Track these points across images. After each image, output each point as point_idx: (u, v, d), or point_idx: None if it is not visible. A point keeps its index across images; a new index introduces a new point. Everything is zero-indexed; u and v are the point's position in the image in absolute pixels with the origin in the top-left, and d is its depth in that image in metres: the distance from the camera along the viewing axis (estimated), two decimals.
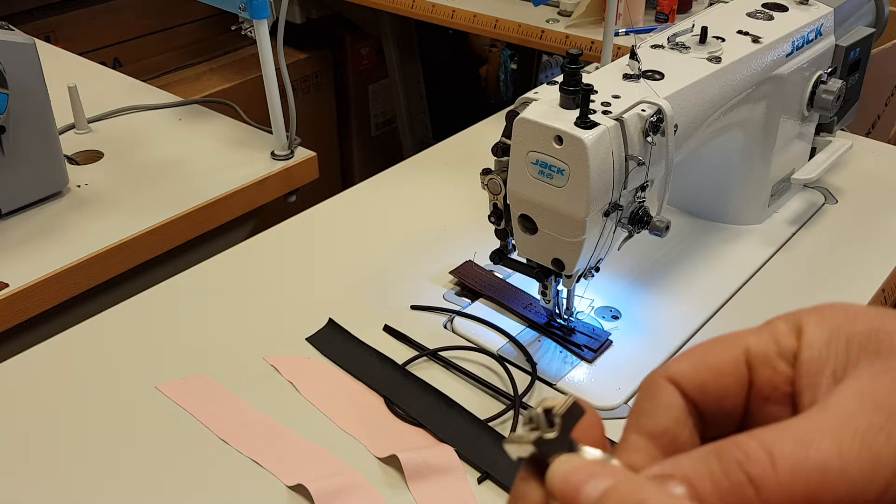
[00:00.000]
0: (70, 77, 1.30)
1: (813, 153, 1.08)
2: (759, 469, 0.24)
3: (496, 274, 0.94)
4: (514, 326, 0.87)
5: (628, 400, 0.78)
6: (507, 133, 0.74)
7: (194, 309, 0.92)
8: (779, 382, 0.28)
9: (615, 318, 0.88)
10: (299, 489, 0.69)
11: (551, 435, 0.26)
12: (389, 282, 0.95)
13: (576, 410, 0.27)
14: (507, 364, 0.82)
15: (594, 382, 0.80)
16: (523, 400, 0.78)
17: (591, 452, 0.26)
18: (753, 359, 0.28)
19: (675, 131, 0.74)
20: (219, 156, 1.24)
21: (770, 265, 0.97)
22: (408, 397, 0.78)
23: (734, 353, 0.28)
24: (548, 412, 0.26)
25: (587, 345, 0.83)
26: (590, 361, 0.82)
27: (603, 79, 0.76)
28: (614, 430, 0.73)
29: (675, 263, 0.96)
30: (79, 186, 1.15)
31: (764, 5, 0.96)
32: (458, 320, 0.88)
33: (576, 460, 0.26)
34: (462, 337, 0.87)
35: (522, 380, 0.81)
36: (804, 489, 0.23)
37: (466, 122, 1.32)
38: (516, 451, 0.26)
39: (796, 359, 0.28)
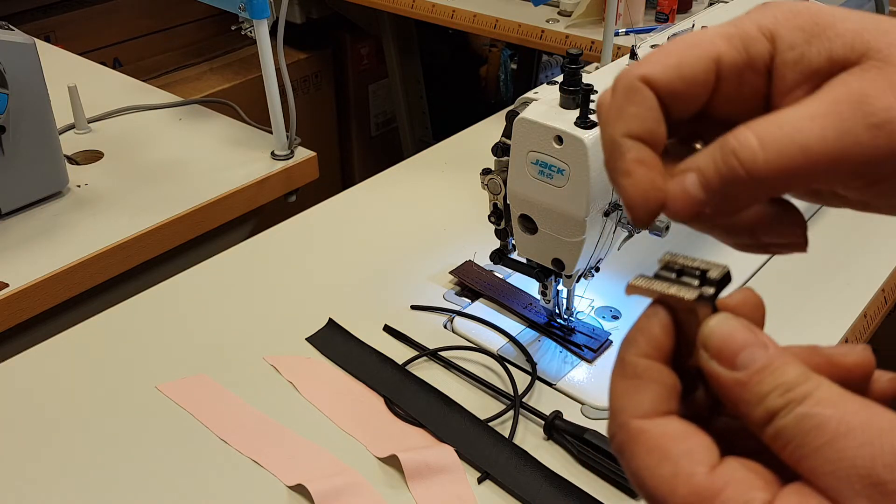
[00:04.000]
0: (70, 77, 1.30)
1: None
2: (748, 153, 0.27)
3: (496, 274, 0.94)
4: (514, 326, 0.87)
5: None
6: (507, 133, 0.74)
7: (194, 309, 0.92)
8: (745, 92, 0.30)
9: (615, 318, 0.88)
10: (299, 489, 0.69)
11: (710, 291, 0.28)
12: (389, 282, 0.95)
13: (725, 279, 0.28)
14: (507, 364, 0.82)
15: (594, 382, 0.80)
16: (524, 399, 0.78)
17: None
18: (723, 70, 0.30)
19: None
20: (219, 156, 1.24)
21: (770, 265, 0.97)
22: (408, 397, 0.78)
23: (705, 63, 0.29)
24: (703, 273, 0.28)
25: (587, 345, 0.83)
26: (590, 361, 0.82)
27: (603, 79, 0.76)
28: None
29: None
30: (79, 186, 1.15)
31: None
32: (458, 320, 0.88)
33: (736, 323, 0.27)
34: (462, 337, 0.87)
35: (522, 380, 0.81)
36: (787, 166, 0.27)
37: (466, 122, 1.32)
38: (646, 284, 0.29)
39: (771, 64, 0.30)
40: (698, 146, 0.31)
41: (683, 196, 0.28)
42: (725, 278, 0.28)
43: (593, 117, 0.69)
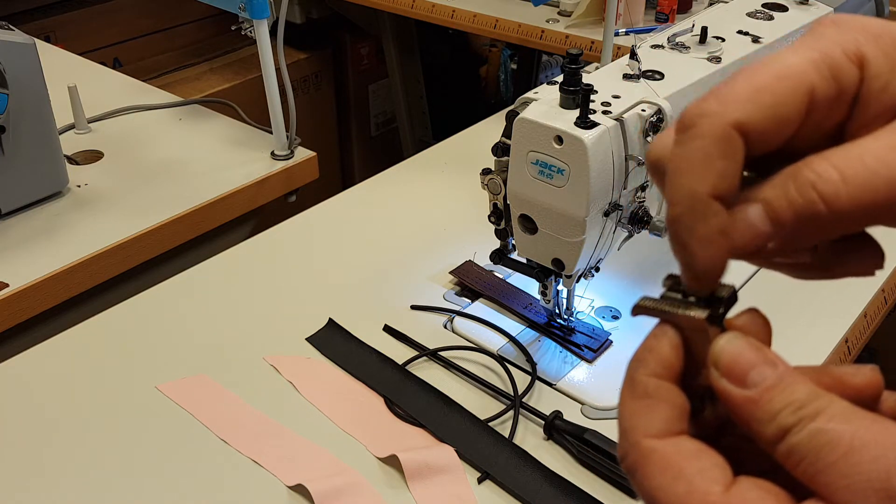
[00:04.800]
0: (70, 77, 1.30)
1: None
2: (830, 187, 0.25)
3: (496, 274, 0.94)
4: (514, 326, 0.87)
5: None
6: (507, 133, 0.74)
7: (194, 309, 0.92)
8: (825, 125, 0.27)
9: (615, 318, 0.88)
10: (299, 489, 0.69)
11: (719, 311, 0.28)
12: (389, 282, 0.95)
13: (733, 298, 0.28)
14: (507, 364, 0.82)
15: (594, 382, 0.80)
16: (524, 399, 0.78)
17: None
18: (815, 104, 0.26)
19: None
20: (219, 156, 1.24)
21: None
22: (408, 397, 0.78)
23: (801, 99, 0.26)
24: (710, 292, 0.28)
25: (587, 345, 0.83)
26: (590, 361, 0.82)
27: (603, 79, 0.76)
28: (617, 430, 0.73)
29: (675, 263, 0.95)
30: (79, 186, 1.15)
31: (764, 5, 0.96)
32: (458, 320, 0.88)
33: (746, 342, 0.27)
34: (462, 337, 0.87)
35: (522, 380, 0.81)
36: (872, 201, 0.24)
37: (466, 122, 1.32)
38: (654, 304, 0.28)
39: (858, 93, 0.27)
40: (745, 173, 0.28)
41: (748, 230, 0.26)
42: (732, 297, 0.28)
43: (593, 117, 0.69)
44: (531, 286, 0.88)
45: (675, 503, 0.25)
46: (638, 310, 0.29)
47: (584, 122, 0.69)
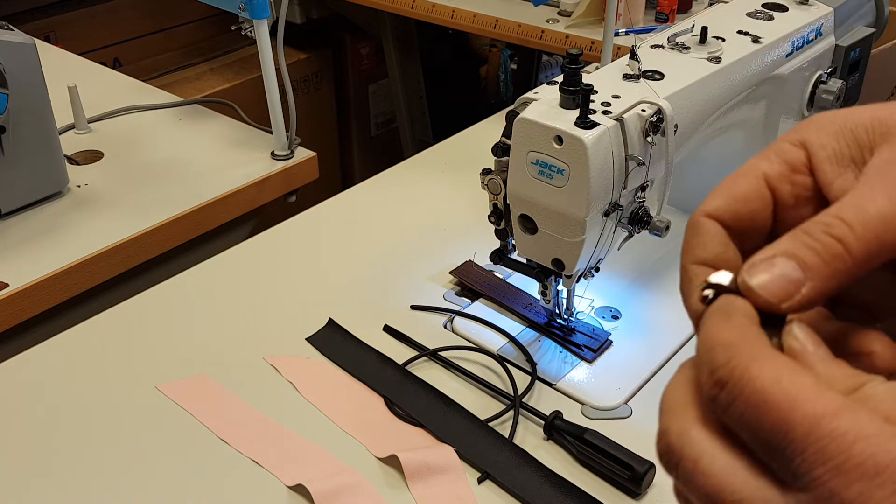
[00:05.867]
0: (70, 77, 1.30)
1: None
2: (840, 230, 0.29)
3: (496, 274, 0.94)
4: (514, 326, 0.87)
5: (628, 400, 0.78)
6: (507, 133, 0.74)
7: (194, 309, 0.92)
8: (799, 191, 0.33)
9: (615, 318, 0.88)
10: (299, 489, 0.69)
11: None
12: (389, 282, 0.95)
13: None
14: (507, 364, 0.82)
15: (594, 382, 0.80)
16: (524, 399, 0.78)
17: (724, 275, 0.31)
18: (771, 181, 0.33)
19: (675, 131, 0.74)
20: (219, 156, 1.24)
21: None
22: (408, 397, 0.78)
23: (754, 182, 0.33)
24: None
25: (587, 345, 0.83)
26: (590, 361, 0.82)
27: (603, 79, 0.76)
28: (618, 431, 0.73)
29: (675, 263, 0.95)
30: (79, 186, 1.15)
31: (764, 5, 0.96)
32: (458, 320, 0.88)
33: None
34: (462, 337, 0.87)
35: (522, 380, 0.81)
36: (875, 236, 0.29)
37: (466, 122, 1.32)
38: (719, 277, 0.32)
39: (811, 164, 0.33)
40: None
41: (784, 282, 0.30)
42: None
43: (593, 117, 0.69)
44: (531, 286, 0.88)
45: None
46: None
47: (584, 122, 0.68)
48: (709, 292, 0.31)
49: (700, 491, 0.28)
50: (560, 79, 0.71)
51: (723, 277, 0.31)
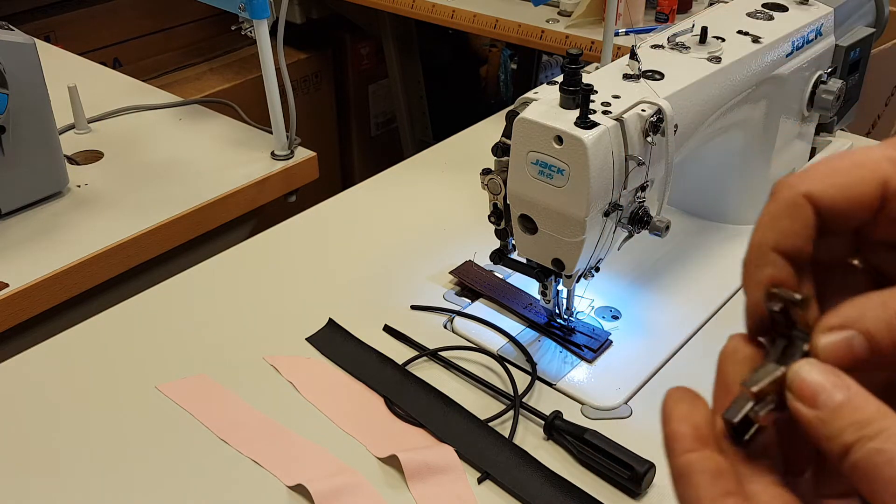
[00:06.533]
0: (70, 77, 1.30)
1: (813, 153, 1.08)
2: None
3: (496, 274, 0.94)
4: (514, 326, 0.87)
5: (628, 399, 0.78)
6: (507, 133, 0.74)
7: (194, 309, 0.92)
8: None
9: (615, 318, 0.88)
10: (299, 489, 0.69)
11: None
12: (389, 282, 0.95)
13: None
14: (507, 364, 0.82)
15: (594, 382, 0.80)
16: (524, 399, 0.78)
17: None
18: (889, 193, 0.29)
19: (675, 131, 0.74)
20: (219, 156, 1.24)
21: None
22: (408, 397, 0.78)
23: (873, 186, 0.29)
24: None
25: (587, 345, 0.83)
26: (590, 361, 0.82)
27: (603, 79, 0.76)
28: (618, 431, 0.73)
29: (675, 263, 0.96)
30: (79, 186, 1.15)
31: (764, 5, 0.96)
32: (458, 320, 0.88)
33: (819, 366, 0.28)
34: (462, 337, 0.87)
35: (522, 380, 0.81)
36: None
37: (466, 122, 1.32)
38: (761, 383, 0.30)
39: None
40: (855, 262, 0.32)
41: (846, 352, 0.28)
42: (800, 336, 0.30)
43: (593, 117, 0.69)
44: (531, 286, 0.88)
45: None
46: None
47: (584, 122, 0.68)
48: (776, 306, 0.30)
49: None
50: (560, 79, 0.71)
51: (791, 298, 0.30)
